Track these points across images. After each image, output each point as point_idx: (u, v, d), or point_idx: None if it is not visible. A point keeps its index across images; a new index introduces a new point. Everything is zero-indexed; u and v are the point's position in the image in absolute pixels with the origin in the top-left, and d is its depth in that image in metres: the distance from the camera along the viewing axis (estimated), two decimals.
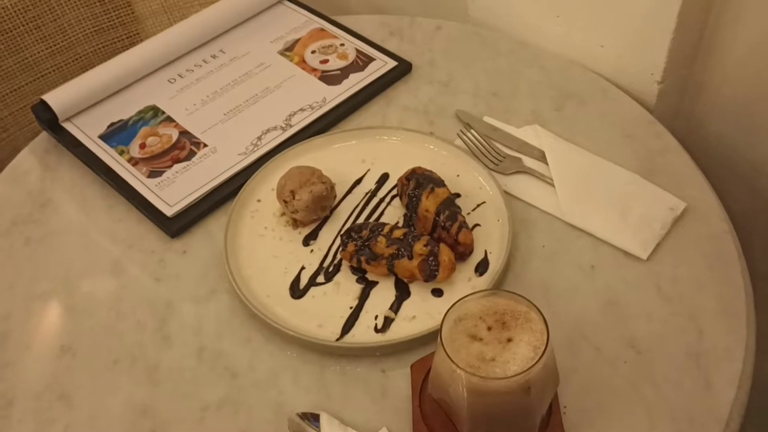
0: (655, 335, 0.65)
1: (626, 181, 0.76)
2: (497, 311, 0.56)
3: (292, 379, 0.64)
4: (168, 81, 0.89)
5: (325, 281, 0.70)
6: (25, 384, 0.65)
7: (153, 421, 0.62)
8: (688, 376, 0.62)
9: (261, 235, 0.74)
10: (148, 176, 0.79)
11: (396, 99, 0.88)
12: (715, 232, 0.72)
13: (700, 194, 0.75)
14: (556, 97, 0.86)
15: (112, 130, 0.84)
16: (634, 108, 0.85)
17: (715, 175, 0.86)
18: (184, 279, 0.72)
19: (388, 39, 0.95)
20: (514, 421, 0.55)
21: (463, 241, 0.69)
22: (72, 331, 0.69)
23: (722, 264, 0.70)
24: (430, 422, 0.60)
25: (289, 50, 0.92)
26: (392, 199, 0.76)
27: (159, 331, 0.68)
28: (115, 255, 0.74)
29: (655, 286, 0.68)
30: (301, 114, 0.84)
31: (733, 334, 0.64)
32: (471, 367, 0.53)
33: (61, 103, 0.84)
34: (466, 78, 0.90)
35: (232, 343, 0.67)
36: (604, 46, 0.88)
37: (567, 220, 0.73)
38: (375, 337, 0.66)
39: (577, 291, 0.69)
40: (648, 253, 0.70)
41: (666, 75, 0.84)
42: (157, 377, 0.65)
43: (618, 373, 0.63)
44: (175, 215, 0.75)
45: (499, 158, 0.79)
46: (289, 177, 0.73)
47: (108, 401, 0.64)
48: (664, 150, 0.80)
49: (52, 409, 0.64)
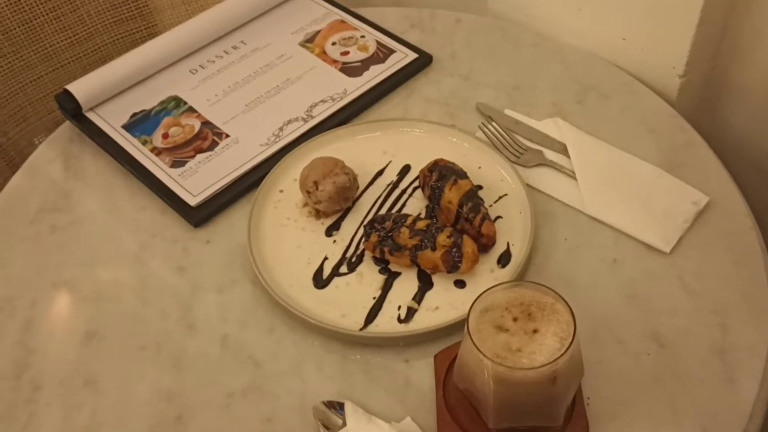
0: (679, 329, 0.65)
1: (649, 175, 0.76)
2: (523, 302, 0.56)
3: (316, 368, 0.65)
4: (190, 71, 0.89)
5: (348, 272, 0.70)
6: (52, 370, 0.66)
7: (179, 407, 0.63)
8: (712, 371, 0.62)
9: (284, 226, 0.74)
10: (171, 166, 0.79)
11: (417, 91, 0.88)
12: (738, 227, 0.72)
13: (723, 189, 0.75)
14: (578, 90, 0.86)
15: (135, 120, 0.84)
16: (656, 102, 0.85)
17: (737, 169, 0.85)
18: (208, 268, 0.72)
19: (409, 31, 0.95)
20: (540, 411, 0.56)
21: (486, 233, 0.69)
22: (97, 318, 0.69)
23: (746, 259, 0.70)
24: (454, 412, 0.60)
25: (310, 42, 0.92)
26: (414, 191, 0.76)
27: (183, 319, 0.69)
28: (139, 243, 0.75)
29: (679, 280, 0.68)
30: (322, 105, 0.85)
31: (757, 329, 0.64)
32: (498, 357, 0.53)
33: (84, 93, 0.85)
34: (487, 71, 0.90)
35: (255, 332, 0.67)
36: (626, 39, 0.88)
37: (589, 213, 0.74)
38: (398, 327, 0.66)
39: (599, 284, 0.69)
40: (671, 246, 0.70)
41: (688, 69, 0.84)
42: (182, 364, 0.66)
43: (641, 366, 0.63)
44: (198, 205, 0.76)
45: (520, 151, 0.80)
46: (312, 168, 0.73)
47: (134, 387, 0.64)
48: (688, 144, 0.80)
49: (78, 394, 0.64)
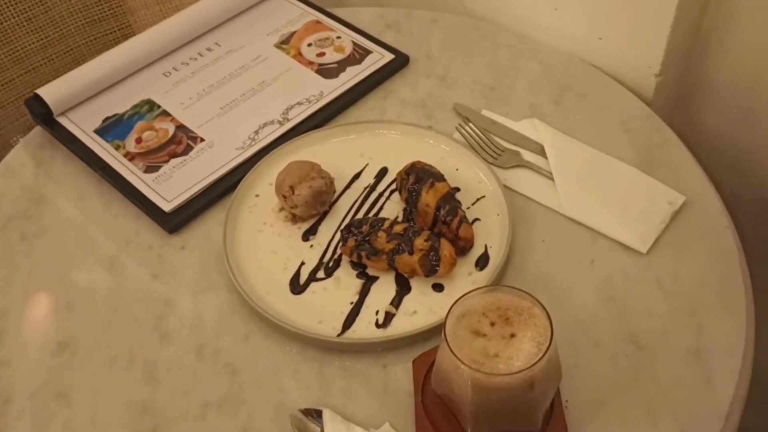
0: (656, 330, 0.65)
1: (625, 175, 0.76)
2: (500, 307, 0.56)
3: (293, 376, 0.64)
4: (163, 74, 0.88)
5: (326, 276, 0.70)
6: (23, 381, 0.65)
7: (154, 419, 0.62)
8: (689, 371, 0.62)
9: (260, 231, 0.73)
10: (145, 171, 0.78)
11: (394, 92, 0.87)
12: (714, 226, 0.72)
13: (699, 188, 0.75)
14: (555, 90, 0.86)
15: (108, 125, 0.83)
16: (633, 101, 0.85)
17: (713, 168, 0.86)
18: (183, 275, 0.72)
19: (385, 32, 0.94)
20: (518, 417, 0.55)
21: (463, 236, 0.69)
22: (69, 328, 0.68)
23: (722, 259, 0.70)
24: (432, 417, 0.60)
25: (285, 43, 0.91)
26: (391, 194, 0.76)
27: (157, 328, 0.68)
28: (113, 251, 0.74)
29: (656, 281, 0.68)
30: (298, 108, 0.84)
31: (733, 329, 0.65)
32: (475, 363, 0.53)
33: (55, 97, 0.83)
34: (463, 71, 0.89)
35: (231, 340, 0.67)
36: (603, 38, 0.87)
37: (566, 214, 0.73)
38: (376, 332, 0.65)
39: (577, 285, 0.69)
40: (648, 246, 0.70)
41: (664, 68, 0.84)
42: (156, 375, 0.65)
43: (619, 368, 0.63)
44: (172, 210, 0.75)
45: (498, 152, 0.79)
46: (288, 172, 0.72)
47: (107, 399, 0.63)
48: (663, 143, 0.80)
49: (49, 407, 0.63)
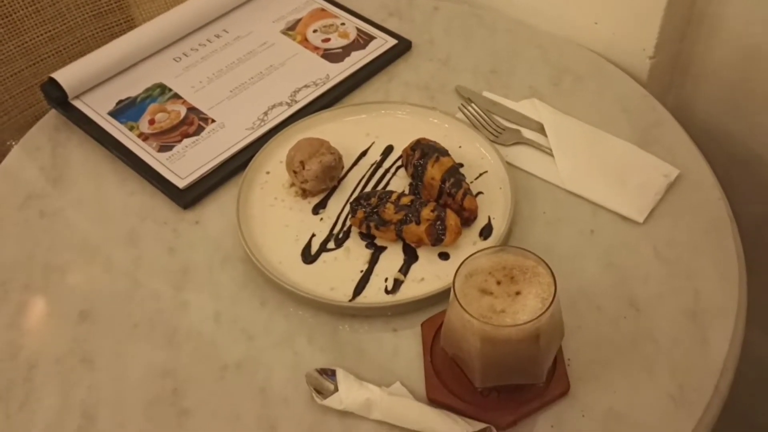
0: (654, 294, 0.68)
1: (622, 150, 0.79)
2: (506, 266, 0.59)
3: (307, 340, 0.67)
4: (173, 60, 0.91)
5: (336, 247, 0.72)
6: (47, 349, 0.67)
7: (174, 382, 0.65)
8: (686, 333, 0.66)
9: (271, 206, 0.76)
10: (159, 150, 0.81)
11: (397, 76, 0.90)
12: (707, 198, 0.76)
13: (692, 163, 0.79)
14: (554, 73, 0.89)
15: (121, 107, 0.86)
16: (628, 83, 0.88)
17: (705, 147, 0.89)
18: (198, 248, 0.74)
19: (388, 19, 0.97)
20: (524, 369, 0.58)
21: (468, 207, 0.72)
22: (90, 299, 0.71)
23: (715, 228, 0.73)
24: (441, 376, 0.63)
25: (291, 30, 0.94)
26: (397, 170, 0.79)
27: (176, 298, 0.70)
28: (130, 227, 0.76)
29: (653, 249, 0.72)
30: (305, 90, 0.87)
31: (727, 293, 0.68)
32: (483, 317, 0.55)
33: (70, 81, 0.86)
34: (465, 56, 0.92)
35: (247, 307, 0.69)
36: (598, 23, 0.91)
37: (566, 187, 0.76)
38: (386, 297, 0.68)
39: (578, 254, 0.72)
40: (644, 216, 0.73)
41: (657, 51, 0.88)
42: (176, 340, 0.67)
43: (619, 329, 0.66)
44: (186, 187, 0.77)
45: (498, 130, 0.82)
46: (299, 148, 0.75)
47: (129, 363, 0.66)
48: (658, 122, 0.83)
49: (74, 372, 0.65)
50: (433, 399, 0.61)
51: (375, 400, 0.61)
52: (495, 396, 0.61)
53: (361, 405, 0.61)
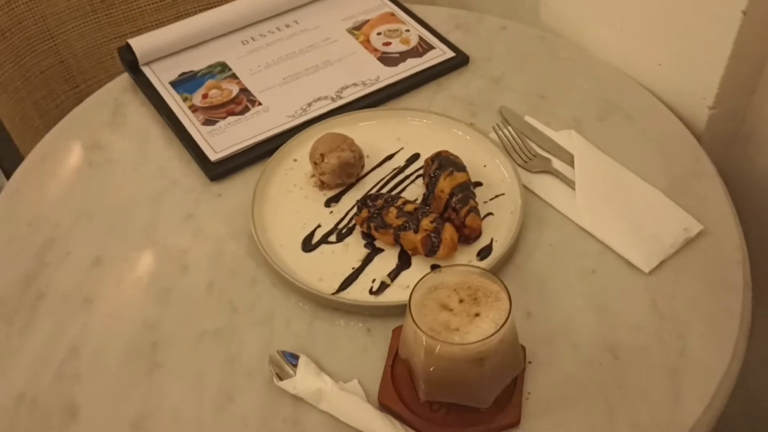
0: (638, 346, 0.66)
1: (647, 195, 0.76)
2: (471, 286, 0.59)
3: (285, 323, 0.69)
4: (241, 42, 0.96)
5: (336, 241, 0.74)
6: (58, 284, 0.73)
7: (156, 336, 0.69)
8: (659, 388, 0.63)
9: (289, 191, 0.79)
10: (203, 123, 0.86)
11: (446, 88, 0.91)
12: (726, 259, 0.72)
13: (722, 221, 0.75)
14: (603, 107, 0.87)
15: (182, 79, 0.91)
16: (679, 129, 0.85)
17: (758, 214, 0.84)
18: (213, 219, 0.78)
19: (453, 31, 0.98)
20: (467, 390, 0.58)
21: (470, 225, 0.72)
22: (107, 247, 0.76)
23: (725, 291, 0.69)
24: (397, 383, 0.63)
25: (357, 29, 0.97)
26: (417, 178, 0.80)
27: (179, 260, 0.75)
28: (160, 187, 0.82)
29: (651, 300, 0.69)
30: (353, 88, 0.89)
31: (716, 357, 0.64)
32: (432, 331, 0.56)
33: (143, 49, 0.93)
34: (518, 77, 0.92)
35: (240, 282, 0.73)
36: (662, 64, 0.88)
37: (580, 223, 0.75)
38: (368, 297, 0.70)
39: (572, 291, 0.70)
40: (651, 267, 0.71)
41: (718, 102, 0.84)
42: (168, 299, 0.72)
43: (590, 373, 0.64)
44: (217, 161, 0.82)
45: (529, 156, 0.82)
46: (322, 141, 0.78)
47: (123, 310, 0.71)
48: (698, 173, 0.80)
49: (75, 308, 0.71)
50: (383, 403, 0.62)
51: (326, 391, 0.62)
52: (443, 413, 0.61)
53: (312, 393, 0.63)
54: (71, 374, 0.67)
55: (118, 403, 0.64)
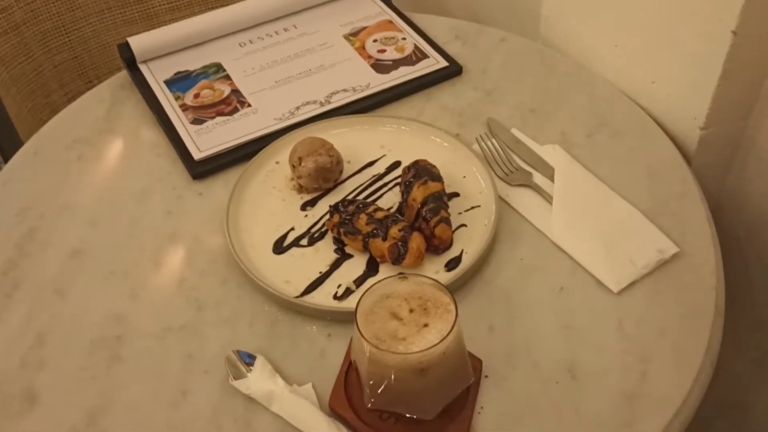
0: (597, 368, 0.65)
1: (625, 215, 0.75)
2: (422, 297, 0.58)
3: (249, 323, 0.70)
4: (239, 44, 0.97)
5: (307, 245, 0.75)
6: (34, 274, 0.75)
7: (123, 329, 0.70)
8: (614, 414, 0.62)
9: (268, 193, 0.80)
10: (192, 122, 0.87)
11: (437, 97, 0.91)
12: (700, 284, 0.70)
13: (699, 244, 0.73)
14: (593, 124, 0.86)
15: (177, 78, 0.93)
16: (668, 149, 0.83)
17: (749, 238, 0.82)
18: (192, 217, 0.79)
19: (452, 42, 0.98)
20: (409, 400, 0.58)
21: (439, 235, 0.71)
22: (86, 240, 0.78)
23: (695, 316, 0.68)
24: (349, 390, 0.63)
25: (354, 35, 0.98)
26: (395, 186, 0.80)
27: (154, 256, 0.76)
28: (144, 183, 0.83)
29: (617, 322, 0.68)
30: (343, 94, 0.90)
31: (676, 385, 0.63)
32: (377, 339, 0.56)
33: (141, 47, 0.94)
34: (511, 90, 0.91)
35: (210, 281, 0.73)
36: (656, 82, 0.86)
37: (553, 239, 0.74)
38: (331, 302, 0.70)
39: (538, 307, 0.69)
40: (621, 287, 0.69)
41: (710, 122, 0.82)
42: (139, 294, 0.73)
43: (547, 392, 0.63)
44: (201, 160, 0.83)
45: (510, 169, 0.81)
46: (301, 144, 0.78)
47: (93, 303, 0.72)
48: (682, 195, 0.78)
49: (47, 299, 0.73)
50: (332, 408, 0.62)
51: (277, 393, 0.63)
52: (392, 422, 0.61)
53: (264, 395, 0.63)
54: (35, 363, 0.68)
55: (76, 393, 0.65)
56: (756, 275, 0.90)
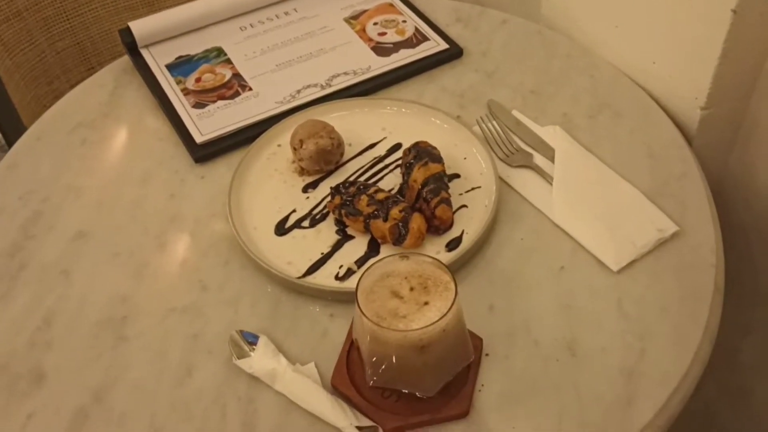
0: (597, 346, 0.65)
1: (625, 195, 0.75)
2: (422, 275, 0.59)
3: (251, 304, 0.70)
4: (240, 28, 0.97)
5: (309, 226, 0.75)
6: (40, 256, 0.76)
7: (127, 309, 0.71)
8: (613, 391, 0.62)
9: (269, 176, 0.80)
10: (194, 106, 0.87)
11: (438, 80, 0.91)
12: (700, 263, 0.70)
13: (699, 224, 0.74)
14: (594, 105, 0.86)
15: (178, 62, 0.93)
16: (669, 130, 0.83)
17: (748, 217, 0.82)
18: (195, 200, 0.80)
19: (453, 24, 0.98)
20: (410, 377, 0.58)
21: (439, 215, 0.72)
22: (90, 222, 0.78)
23: (694, 295, 0.68)
24: (351, 368, 0.64)
25: (355, 18, 0.98)
26: (396, 168, 0.80)
27: (158, 238, 0.77)
28: (147, 167, 0.84)
29: (617, 301, 0.68)
30: (343, 77, 0.90)
31: (675, 362, 0.63)
32: (378, 317, 0.56)
33: (142, 31, 0.95)
34: (512, 72, 0.91)
35: (213, 262, 0.74)
36: (656, 63, 0.86)
37: (554, 219, 0.74)
38: (333, 283, 0.70)
39: (539, 287, 0.70)
40: (620, 266, 0.70)
41: (710, 102, 0.82)
42: (143, 274, 0.73)
43: (547, 370, 0.64)
44: (203, 143, 0.83)
45: (511, 150, 0.81)
46: (302, 127, 0.79)
47: (98, 284, 0.73)
48: (683, 175, 0.78)
49: (53, 280, 0.73)
50: (335, 386, 0.63)
51: (280, 372, 0.63)
52: (393, 400, 0.62)
53: (267, 373, 0.64)
54: (42, 343, 0.69)
55: (82, 372, 0.66)
56: (759, 256, 0.90)
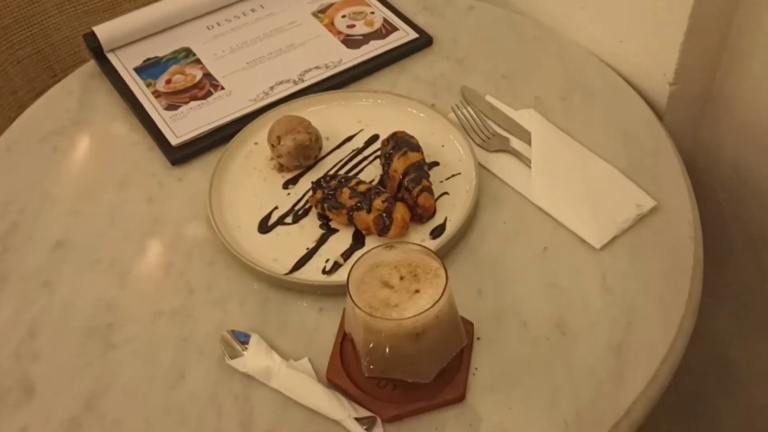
0: (585, 322, 0.66)
1: (602, 173, 0.77)
2: (411, 263, 0.59)
3: (240, 303, 0.70)
4: (207, 27, 0.97)
5: (292, 222, 0.75)
6: (20, 267, 0.74)
7: (113, 316, 0.70)
8: (604, 366, 0.63)
9: (248, 174, 0.80)
10: (166, 108, 0.87)
11: (409, 69, 0.91)
12: (679, 236, 0.72)
13: (676, 198, 0.75)
14: (566, 87, 0.87)
15: (147, 65, 0.92)
16: (640, 108, 0.85)
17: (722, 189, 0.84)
18: (174, 202, 0.79)
19: (420, 13, 0.98)
20: (406, 365, 0.59)
21: (422, 204, 0.72)
22: (69, 230, 0.77)
23: (675, 268, 0.70)
24: (345, 360, 0.64)
25: (322, 12, 0.98)
26: (375, 159, 0.80)
27: (140, 242, 0.76)
28: (123, 172, 0.83)
29: (601, 277, 0.69)
30: (315, 71, 0.90)
31: (662, 334, 0.65)
32: (370, 308, 0.57)
33: (107, 35, 0.93)
34: (482, 58, 0.92)
35: (197, 264, 0.74)
36: (623, 41, 0.88)
37: (534, 201, 0.75)
38: (320, 277, 0.70)
39: (523, 269, 0.71)
40: (602, 242, 0.71)
41: (678, 77, 0.84)
42: (127, 280, 0.73)
43: (537, 350, 0.65)
44: (178, 145, 0.83)
45: (488, 136, 0.82)
46: (279, 123, 0.79)
47: (82, 293, 0.72)
48: (657, 152, 0.80)
49: (35, 291, 0.72)
50: (330, 379, 0.63)
51: (274, 369, 0.63)
52: (389, 389, 0.62)
53: (261, 371, 0.64)
54: (29, 354, 0.68)
55: (72, 381, 0.66)
56: (732, 227, 0.92)
